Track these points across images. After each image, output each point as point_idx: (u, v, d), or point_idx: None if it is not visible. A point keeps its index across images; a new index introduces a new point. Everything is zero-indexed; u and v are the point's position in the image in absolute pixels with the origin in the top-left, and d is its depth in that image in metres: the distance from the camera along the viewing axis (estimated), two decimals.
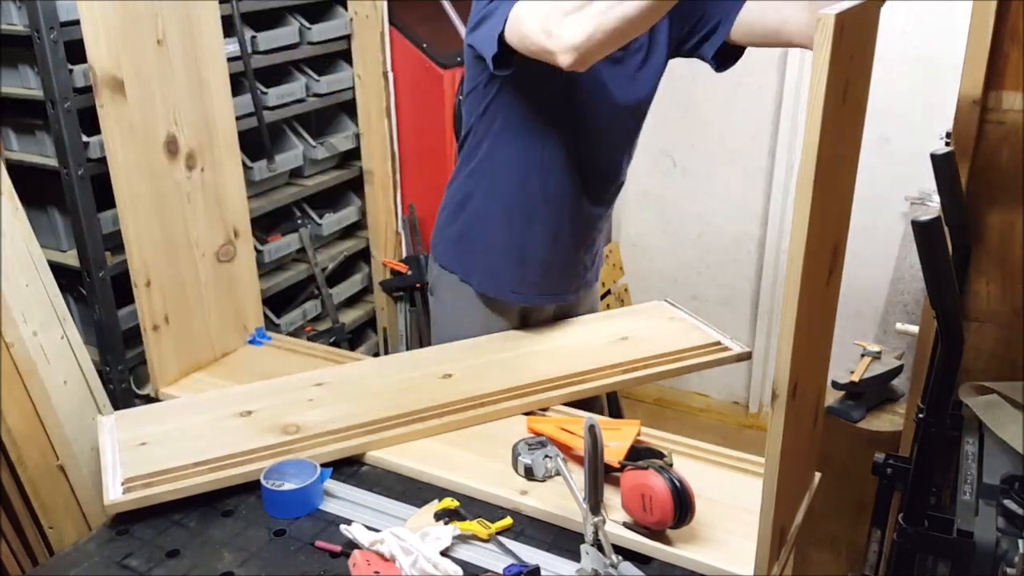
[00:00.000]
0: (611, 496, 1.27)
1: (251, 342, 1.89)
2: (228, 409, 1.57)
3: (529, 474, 1.39)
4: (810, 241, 0.97)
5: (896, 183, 2.86)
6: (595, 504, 1.15)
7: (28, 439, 1.62)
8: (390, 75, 2.52)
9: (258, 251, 2.09)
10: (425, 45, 2.53)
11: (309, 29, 2.24)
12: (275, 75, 2.20)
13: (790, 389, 1.03)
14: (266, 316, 2.02)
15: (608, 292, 3.08)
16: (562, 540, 1.29)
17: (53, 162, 1.70)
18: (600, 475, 1.13)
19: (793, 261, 0.98)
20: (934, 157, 1.53)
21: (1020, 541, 1.29)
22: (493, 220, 1.69)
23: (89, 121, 1.61)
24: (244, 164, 1.90)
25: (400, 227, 2.67)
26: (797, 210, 0.96)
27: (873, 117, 3.01)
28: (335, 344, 2.41)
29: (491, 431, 1.53)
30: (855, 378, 2.26)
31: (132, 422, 1.54)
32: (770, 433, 1.07)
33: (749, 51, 3.23)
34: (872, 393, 2.29)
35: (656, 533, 1.24)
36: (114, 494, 1.36)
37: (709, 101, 3.17)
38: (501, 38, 1.40)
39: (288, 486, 1.37)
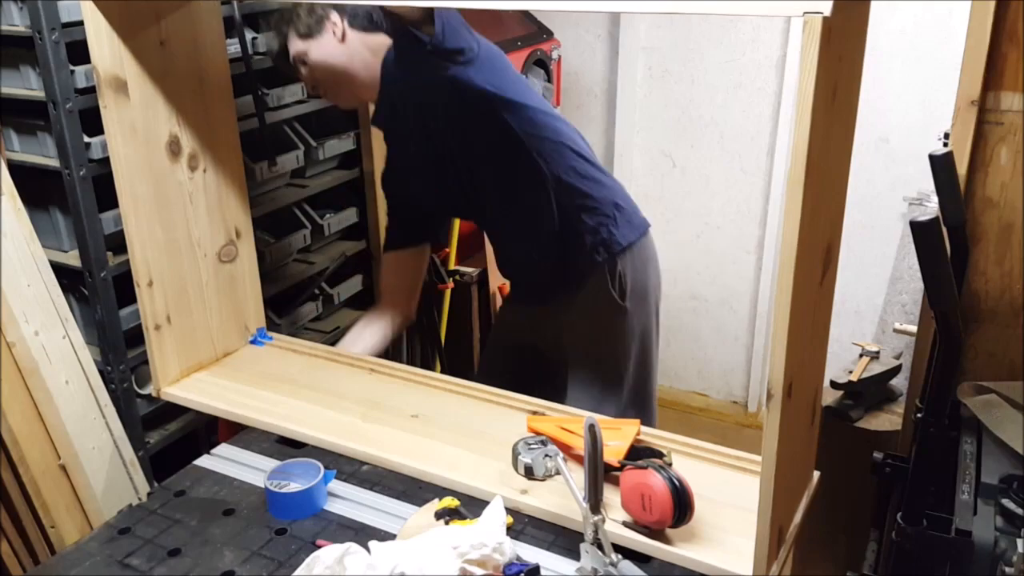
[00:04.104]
0: (611, 495, 1.27)
1: (253, 342, 1.89)
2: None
3: (529, 473, 1.40)
4: (802, 242, 0.98)
5: (895, 184, 2.87)
6: (595, 503, 1.15)
7: (29, 439, 1.62)
8: None
9: (259, 251, 2.09)
10: None
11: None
12: (275, 76, 2.21)
13: (785, 389, 1.04)
14: (267, 316, 2.03)
15: None
16: (562, 539, 1.29)
17: (55, 162, 1.70)
18: (600, 474, 1.14)
19: (785, 262, 0.99)
20: (933, 158, 1.53)
21: (1019, 540, 1.29)
22: None
23: (90, 122, 1.61)
24: (245, 165, 1.91)
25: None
26: (787, 211, 0.97)
27: (872, 117, 3.02)
28: (335, 344, 2.41)
29: (491, 431, 1.53)
30: (854, 378, 2.26)
31: None
32: (766, 433, 1.07)
33: (748, 51, 3.24)
34: (871, 393, 2.30)
35: (655, 532, 1.25)
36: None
37: (709, 101, 3.18)
38: None
39: (293, 487, 1.37)
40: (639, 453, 1.36)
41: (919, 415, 1.49)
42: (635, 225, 1.91)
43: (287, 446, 1.56)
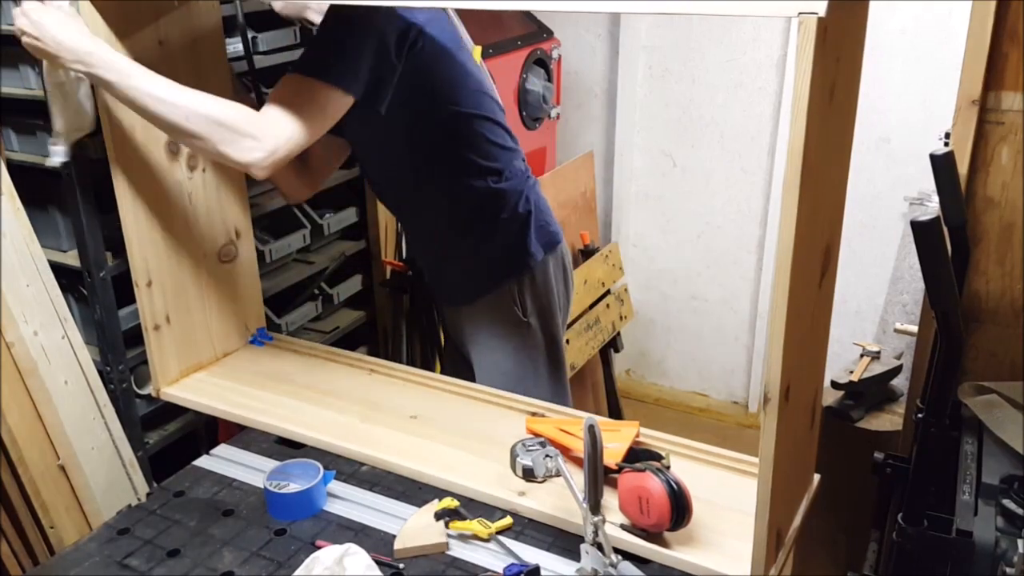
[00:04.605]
0: (608, 498, 1.27)
1: (252, 342, 1.89)
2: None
3: (528, 475, 1.39)
4: (798, 244, 0.97)
5: (895, 183, 2.87)
6: (595, 504, 1.15)
7: (28, 439, 1.62)
8: None
9: (259, 251, 2.09)
10: None
11: (310, 29, 2.24)
12: (275, 75, 2.20)
13: (782, 392, 1.03)
14: (266, 316, 2.03)
15: (608, 292, 3.08)
16: (562, 540, 1.29)
17: None
18: (600, 474, 1.14)
19: (781, 264, 0.98)
20: (933, 157, 1.53)
21: (1019, 541, 1.29)
22: None
23: None
24: None
25: (400, 227, 2.67)
26: (784, 213, 0.96)
27: (873, 117, 3.02)
28: (335, 344, 2.41)
29: (490, 432, 1.53)
30: (854, 378, 2.26)
31: None
32: (763, 436, 1.07)
33: (749, 51, 3.24)
34: (871, 393, 2.30)
35: (653, 535, 1.24)
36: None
37: (709, 101, 3.17)
38: None
39: (293, 487, 1.37)
40: (637, 455, 1.36)
41: (920, 415, 1.49)
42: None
43: (286, 446, 1.56)
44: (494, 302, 1.77)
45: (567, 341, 2.27)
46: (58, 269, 1.72)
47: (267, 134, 1.40)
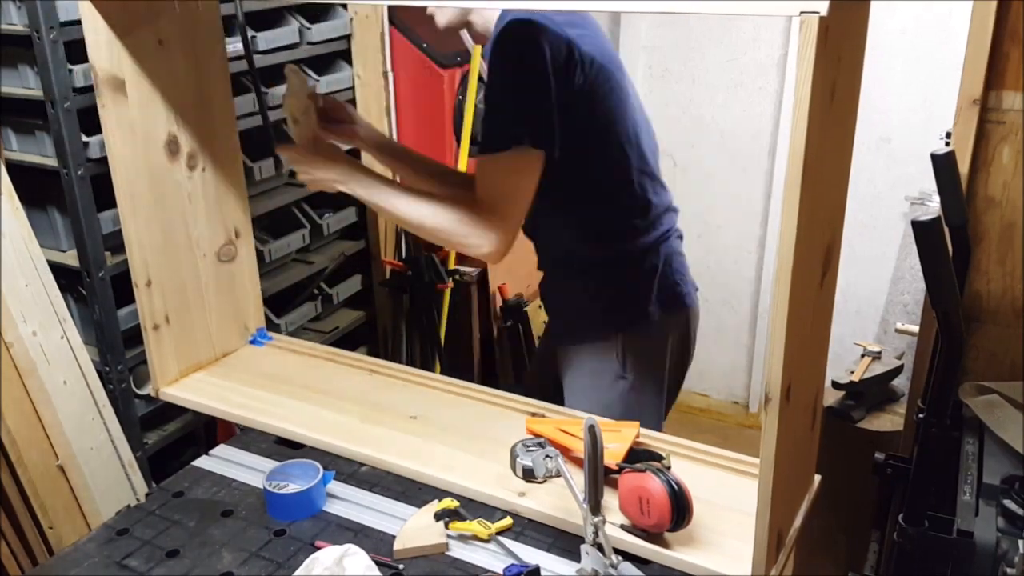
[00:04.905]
0: (609, 498, 1.27)
1: (252, 342, 1.89)
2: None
3: (528, 475, 1.39)
4: (799, 243, 0.97)
5: (896, 183, 2.87)
6: (595, 504, 1.14)
7: (28, 439, 1.62)
8: (390, 75, 2.52)
9: (259, 251, 2.09)
10: (425, 45, 2.53)
11: (309, 29, 2.24)
12: (275, 75, 2.21)
13: (783, 391, 1.03)
14: (266, 316, 2.02)
15: None
16: (562, 540, 1.29)
17: (53, 162, 1.70)
18: (600, 475, 1.13)
19: (782, 264, 0.98)
20: (934, 157, 1.53)
21: (1020, 541, 1.29)
22: None
23: (89, 121, 1.61)
24: (245, 164, 1.90)
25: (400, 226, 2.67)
26: (785, 213, 0.96)
27: (873, 117, 3.01)
28: (335, 344, 2.41)
29: (490, 432, 1.53)
30: (855, 378, 2.26)
31: None
32: (764, 436, 1.07)
33: (749, 51, 3.24)
34: (872, 393, 2.30)
35: (654, 536, 1.24)
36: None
37: (709, 101, 3.17)
38: None
39: (292, 488, 1.37)
40: (638, 456, 1.36)
41: (921, 415, 1.49)
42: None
43: (286, 447, 1.55)
44: (597, 349, 1.70)
45: None
46: (57, 269, 1.72)
47: (493, 223, 1.46)
